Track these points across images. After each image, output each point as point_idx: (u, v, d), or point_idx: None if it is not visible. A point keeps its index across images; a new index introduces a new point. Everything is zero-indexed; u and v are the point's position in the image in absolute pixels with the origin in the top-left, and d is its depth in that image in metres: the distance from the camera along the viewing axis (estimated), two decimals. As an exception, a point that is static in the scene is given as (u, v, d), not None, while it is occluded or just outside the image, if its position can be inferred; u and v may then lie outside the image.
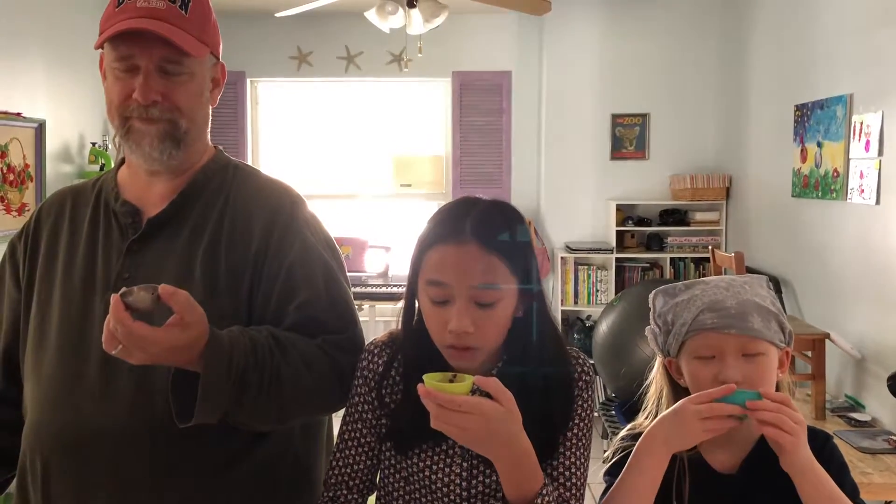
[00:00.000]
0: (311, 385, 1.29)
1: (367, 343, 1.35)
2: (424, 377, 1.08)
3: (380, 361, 1.29)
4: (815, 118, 3.82)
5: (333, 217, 5.81)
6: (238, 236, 1.37)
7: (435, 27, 3.88)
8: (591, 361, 5.01)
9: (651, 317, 1.34)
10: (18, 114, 3.96)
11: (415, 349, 1.24)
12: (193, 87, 1.37)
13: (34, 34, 4.16)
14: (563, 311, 5.30)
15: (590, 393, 1.26)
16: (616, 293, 5.09)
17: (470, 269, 1.15)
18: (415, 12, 3.79)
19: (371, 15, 3.79)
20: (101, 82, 1.41)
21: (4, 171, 3.89)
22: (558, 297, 5.29)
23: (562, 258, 5.26)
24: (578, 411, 1.24)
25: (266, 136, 5.97)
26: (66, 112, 4.42)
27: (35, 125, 4.13)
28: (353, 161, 5.90)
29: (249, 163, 5.69)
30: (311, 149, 5.92)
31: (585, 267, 5.30)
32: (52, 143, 4.29)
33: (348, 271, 1.50)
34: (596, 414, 5.20)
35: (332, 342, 1.34)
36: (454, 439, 1.11)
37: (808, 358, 3.31)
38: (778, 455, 1.19)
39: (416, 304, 1.26)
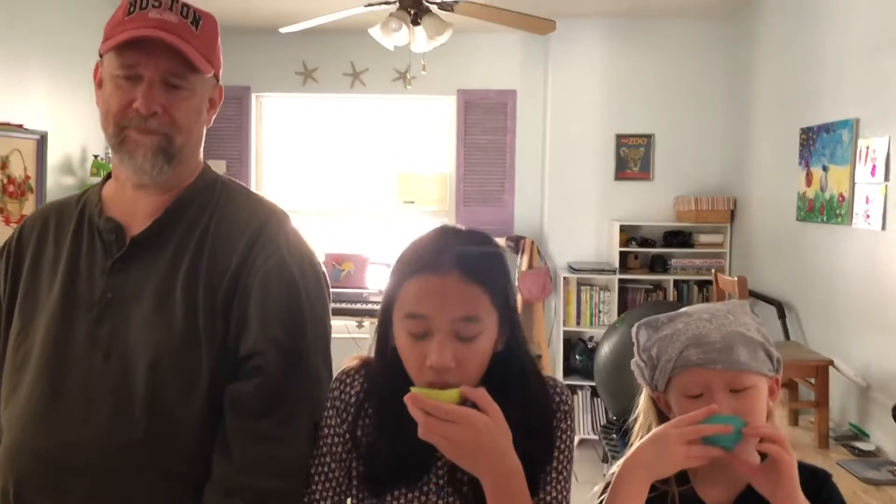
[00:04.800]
0: None
1: (338, 371, 1.31)
2: (412, 388, 1.07)
3: (352, 392, 1.24)
4: (821, 142, 3.79)
5: (336, 233, 5.80)
6: (219, 258, 1.34)
7: (439, 45, 3.86)
8: (592, 383, 4.98)
9: (636, 351, 1.30)
10: (20, 125, 3.95)
11: (389, 383, 1.19)
12: (194, 103, 1.36)
13: (37, 46, 4.17)
14: (564, 332, 5.25)
15: (568, 423, 1.22)
16: (619, 315, 5.05)
17: (451, 301, 1.11)
18: (419, 30, 3.78)
19: (375, 32, 3.78)
20: (95, 90, 1.39)
21: (5, 183, 3.88)
22: (560, 317, 5.25)
23: (564, 278, 5.22)
24: (558, 444, 1.20)
25: (270, 150, 5.96)
26: (69, 124, 4.41)
27: (37, 137, 4.12)
28: (357, 177, 5.88)
29: (253, 177, 5.77)
30: (316, 164, 5.90)
31: (588, 287, 5.26)
32: (53, 155, 4.28)
33: (349, 287, 1.45)
34: (596, 437, 5.15)
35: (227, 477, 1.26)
36: (441, 451, 1.07)
37: (811, 385, 3.26)
38: (766, 484, 1.14)
39: (389, 339, 1.20)
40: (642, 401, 1.35)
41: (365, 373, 1.25)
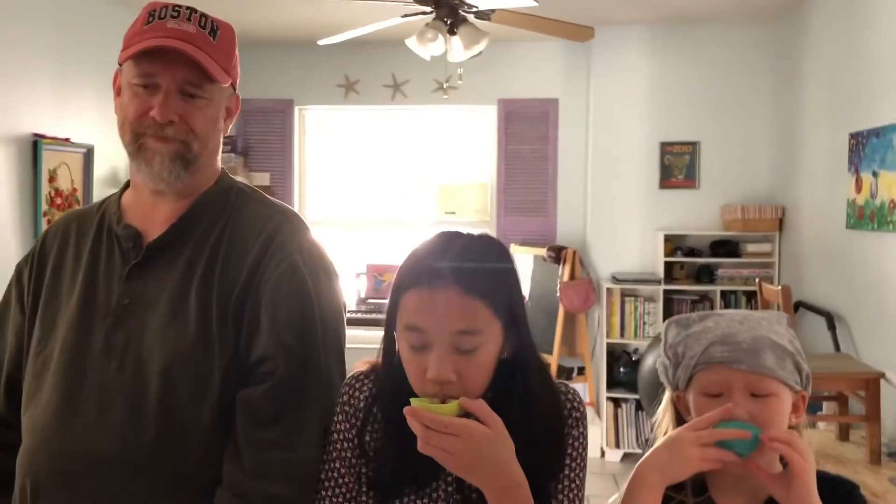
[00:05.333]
0: None
1: (348, 376, 1.29)
2: (411, 400, 1.05)
3: (361, 396, 1.23)
4: (871, 147, 3.66)
5: (378, 244, 5.81)
6: (232, 264, 1.34)
7: (476, 54, 3.85)
8: (636, 396, 4.88)
9: (662, 348, 1.27)
10: (67, 139, 4.05)
11: (395, 390, 1.17)
12: (210, 112, 1.37)
13: (83, 61, 4.27)
14: (608, 344, 5.16)
15: (581, 430, 1.18)
16: (663, 326, 4.95)
17: (448, 315, 1.08)
18: (455, 39, 3.77)
19: (411, 42, 3.78)
20: (114, 98, 1.41)
21: (52, 196, 3.97)
22: (604, 329, 5.16)
23: (608, 289, 5.14)
24: (570, 451, 1.17)
25: (313, 162, 6.01)
26: (115, 137, 4.48)
27: (84, 150, 4.22)
28: (399, 188, 5.90)
29: (296, 189, 5.82)
30: (358, 175, 5.93)
31: (632, 298, 5.16)
32: (100, 168, 4.38)
33: (388, 298, 1.43)
34: (641, 451, 5.04)
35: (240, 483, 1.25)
36: (442, 464, 1.05)
37: (862, 398, 3.14)
38: (782, 491, 1.10)
39: (394, 345, 1.19)
40: (662, 405, 1.31)
41: (374, 377, 1.24)
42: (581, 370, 5.26)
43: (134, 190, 1.45)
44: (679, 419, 1.27)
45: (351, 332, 1.47)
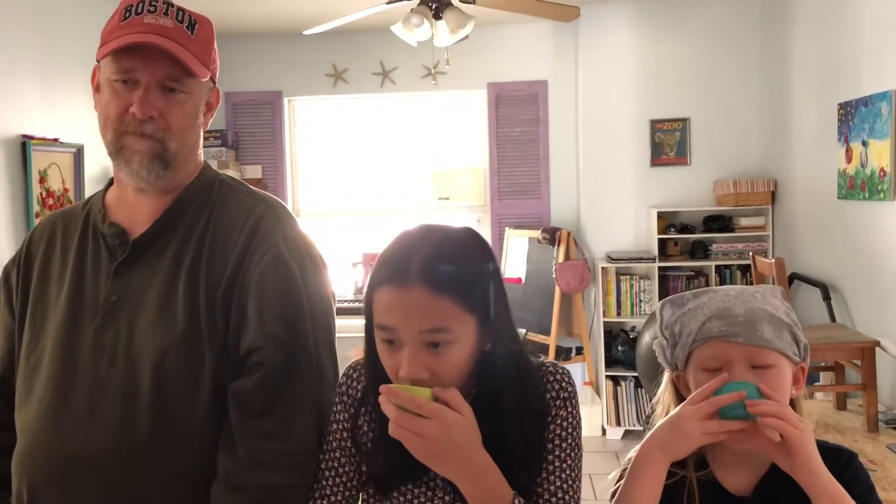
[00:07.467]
0: None
1: (346, 366, 1.29)
2: (382, 387, 1.05)
3: (358, 386, 1.23)
4: (860, 116, 3.67)
5: (373, 233, 5.81)
6: (217, 256, 1.34)
7: (462, 38, 3.83)
8: (635, 374, 4.90)
9: (658, 328, 1.27)
10: (55, 139, 4.03)
11: (383, 378, 1.16)
12: (190, 107, 1.36)
13: (69, 60, 4.25)
14: (605, 323, 5.18)
15: (569, 409, 1.17)
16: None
17: (418, 315, 1.07)
18: (441, 24, 3.76)
19: (397, 28, 3.77)
20: (93, 95, 1.40)
21: (44, 196, 3.96)
22: (600, 308, 5.18)
23: (602, 268, 5.15)
24: (558, 431, 1.16)
25: (305, 153, 5.99)
26: (104, 136, 4.49)
27: (73, 150, 4.21)
28: (392, 176, 5.89)
29: (289, 181, 5.80)
30: (350, 165, 5.92)
31: (628, 277, 5.17)
32: (90, 168, 4.36)
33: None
34: (641, 428, 5.07)
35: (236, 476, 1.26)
36: (410, 449, 1.05)
37: (858, 367, 3.16)
38: (785, 460, 1.10)
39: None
40: (662, 385, 1.32)
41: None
42: (579, 350, 5.27)
43: (118, 187, 1.45)
44: (680, 398, 1.27)
45: (348, 322, 1.47)
